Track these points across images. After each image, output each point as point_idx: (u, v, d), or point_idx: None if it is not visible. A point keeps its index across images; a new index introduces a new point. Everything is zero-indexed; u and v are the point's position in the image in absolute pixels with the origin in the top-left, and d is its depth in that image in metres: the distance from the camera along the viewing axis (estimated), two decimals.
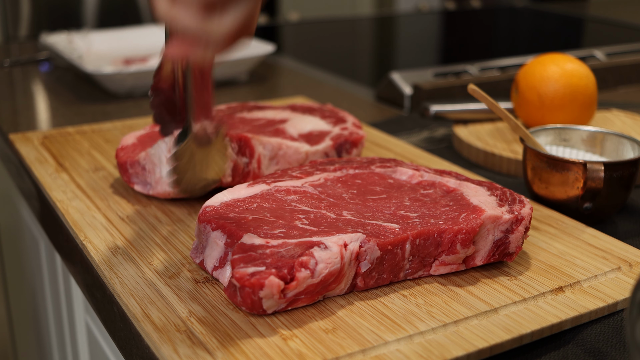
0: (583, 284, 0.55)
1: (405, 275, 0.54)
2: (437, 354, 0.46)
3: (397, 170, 0.64)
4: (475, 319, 0.50)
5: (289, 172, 0.63)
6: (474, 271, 0.56)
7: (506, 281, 0.55)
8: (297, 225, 0.53)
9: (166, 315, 0.49)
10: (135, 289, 0.52)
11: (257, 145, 0.68)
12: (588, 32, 1.82)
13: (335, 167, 0.64)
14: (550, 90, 0.83)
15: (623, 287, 0.54)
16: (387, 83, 1.12)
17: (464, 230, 0.53)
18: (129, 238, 0.61)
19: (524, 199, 0.58)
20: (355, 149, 0.75)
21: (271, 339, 0.47)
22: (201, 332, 0.47)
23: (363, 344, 0.46)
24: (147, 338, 0.48)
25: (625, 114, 0.97)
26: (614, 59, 1.27)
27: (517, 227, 0.55)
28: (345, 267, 0.50)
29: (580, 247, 0.60)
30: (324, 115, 0.80)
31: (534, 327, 0.49)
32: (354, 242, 0.51)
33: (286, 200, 0.58)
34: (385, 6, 2.93)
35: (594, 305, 0.52)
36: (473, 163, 0.85)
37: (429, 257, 0.54)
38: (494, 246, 0.55)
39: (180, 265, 0.56)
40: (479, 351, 0.47)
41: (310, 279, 0.49)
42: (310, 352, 0.45)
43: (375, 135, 0.89)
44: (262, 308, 0.48)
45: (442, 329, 0.48)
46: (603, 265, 0.57)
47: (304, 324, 0.49)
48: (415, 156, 0.81)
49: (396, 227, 0.54)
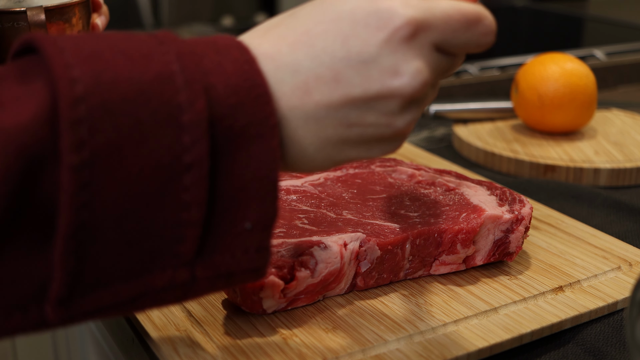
0: (583, 283, 0.55)
1: (405, 275, 0.54)
2: (437, 353, 0.46)
3: (397, 170, 0.64)
4: (475, 318, 0.50)
5: None
6: (474, 271, 0.56)
7: (506, 281, 0.55)
8: (297, 224, 0.53)
9: (166, 315, 0.49)
10: None
11: None
12: (588, 31, 1.82)
13: None
14: (550, 89, 0.83)
15: (623, 286, 0.54)
16: None
17: (464, 230, 0.53)
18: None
19: (524, 199, 0.58)
20: None
21: (271, 339, 0.47)
22: (201, 332, 0.47)
23: (363, 344, 0.46)
24: (147, 338, 0.48)
25: (625, 114, 0.97)
26: (613, 58, 1.27)
27: (518, 227, 0.55)
28: (345, 267, 0.50)
29: (580, 246, 0.60)
30: None
31: (534, 326, 0.49)
32: (354, 242, 0.51)
33: (286, 200, 0.58)
34: None
35: (594, 305, 0.52)
36: (473, 162, 0.85)
37: (429, 257, 0.54)
38: (494, 246, 0.55)
39: None
40: (479, 351, 0.47)
41: (310, 279, 0.49)
42: (310, 352, 0.45)
43: None
44: (262, 308, 0.48)
45: (442, 329, 0.48)
46: (603, 265, 0.57)
47: (304, 323, 0.48)
48: (415, 156, 0.81)
49: (396, 226, 0.54)
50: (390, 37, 0.36)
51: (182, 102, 0.33)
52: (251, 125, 0.34)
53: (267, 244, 0.36)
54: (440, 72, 0.39)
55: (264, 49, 0.36)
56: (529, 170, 0.80)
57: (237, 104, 0.34)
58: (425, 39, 0.37)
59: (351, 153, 0.38)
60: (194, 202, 0.33)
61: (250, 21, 1.89)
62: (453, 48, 0.38)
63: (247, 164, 0.34)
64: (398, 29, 0.36)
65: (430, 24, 0.37)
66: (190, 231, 0.33)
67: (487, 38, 0.39)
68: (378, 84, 0.36)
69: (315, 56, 0.36)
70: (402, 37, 0.36)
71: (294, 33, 0.37)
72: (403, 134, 0.39)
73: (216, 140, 0.33)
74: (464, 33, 0.38)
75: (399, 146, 0.39)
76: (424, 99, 0.39)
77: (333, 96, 0.36)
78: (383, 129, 0.37)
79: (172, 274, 0.34)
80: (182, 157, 0.32)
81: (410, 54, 0.36)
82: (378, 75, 0.36)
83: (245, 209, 0.34)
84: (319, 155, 0.37)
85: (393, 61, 0.36)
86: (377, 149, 0.39)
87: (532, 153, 0.82)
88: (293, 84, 0.36)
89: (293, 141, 0.37)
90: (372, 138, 0.38)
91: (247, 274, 0.35)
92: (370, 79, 0.36)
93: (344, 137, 0.37)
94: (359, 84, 0.36)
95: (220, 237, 0.34)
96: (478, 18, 0.38)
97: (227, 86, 0.34)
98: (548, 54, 0.87)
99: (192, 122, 0.32)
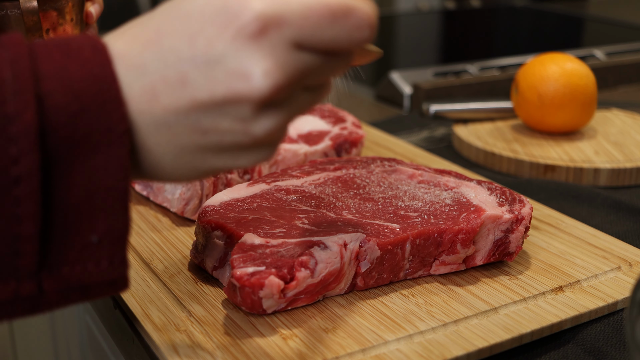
0: (583, 283, 0.55)
1: (405, 275, 0.54)
2: (437, 353, 0.46)
3: (397, 170, 0.64)
4: (475, 318, 0.50)
5: (288, 171, 0.63)
6: (474, 271, 0.56)
7: (506, 281, 0.55)
8: (297, 224, 0.53)
9: (166, 315, 0.49)
10: (135, 289, 0.52)
11: None
12: (588, 31, 1.82)
13: (335, 167, 0.64)
14: (550, 89, 0.83)
15: (623, 286, 0.54)
16: (387, 82, 1.12)
17: (464, 230, 0.53)
18: (129, 238, 0.60)
19: (524, 199, 0.58)
20: (354, 148, 0.75)
21: (271, 339, 0.47)
22: (201, 332, 0.47)
23: (363, 344, 0.46)
24: (147, 338, 0.48)
25: (625, 114, 0.97)
26: (613, 58, 1.27)
27: (517, 227, 0.55)
28: (345, 267, 0.50)
29: (580, 246, 0.60)
30: (323, 115, 0.80)
31: (534, 326, 0.49)
32: (354, 242, 0.51)
33: (286, 200, 0.58)
34: (384, 5, 2.93)
35: (593, 305, 0.52)
36: (473, 162, 0.85)
37: (429, 257, 0.54)
38: (494, 246, 0.55)
39: (180, 265, 0.56)
40: (478, 350, 0.47)
41: (310, 279, 0.49)
42: (310, 352, 0.45)
43: (375, 134, 0.89)
44: (262, 308, 0.48)
45: (442, 329, 0.48)
46: (603, 265, 0.57)
47: (304, 323, 0.48)
48: (415, 155, 0.81)
49: (396, 226, 0.54)
50: (237, 35, 0.32)
51: (9, 112, 0.30)
52: (96, 133, 0.32)
53: (121, 256, 0.34)
54: (307, 72, 0.34)
55: (117, 48, 0.33)
56: (529, 170, 0.80)
57: (79, 111, 0.32)
58: (279, 36, 0.33)
59: (216, 162, 0.35)
60: (26, 216, 0.31)
61: None
62: (319, 45, 0.34)
63: (91, 174, 0.32)
64: (245, 25, 0.32)
65: (285, 18, 0.33)
66: (26, 245, 0.31)
67: (360, 32, 0.34)
68: (224, 86, 0.33)
69: (162, 56, 0.33)
70: (249, 35, 0.32)
71: (147, 31, 0.34)
72: (268, 142, 0.35)
73: (52, 151, 0.31)
74: (330, 28, 0.33)
75: (270, 155, 0.36)
76: (288, 103, 0.35)
77: (180, 100, 0.33)
78: (240, 137, 0.34)
79: (15, 286, 0.32)
80: (9, 170, 0.30)
81: (259, 54, 0.32)
82: (224, 77, 0.33)
83: (92, 221, 0.33)
84: (178, 165, 0.35)
85: (240, 61, 0.32)
86: (244, 158, 0.35)
87: (532, 153, 0.82)
88: (140, 87, 0.33)
89: (146, 149, 0.34)
90: (232, 146, 0.34)
91: (104, 286, 0.34)
92: (216, 81, 0.33)
93: (201, 145, 0.34)
94: (204, 87, 0.33)
95: (65, 250, 0.33)
96: (347, 10, 0.33)
97: (69, 92, 0.31)
98: (548, 54, 0.87)
99: (20, 133, 0.30)
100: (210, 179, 0.62)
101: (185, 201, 0.63)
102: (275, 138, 0.36)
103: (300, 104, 0.36)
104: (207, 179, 0.62)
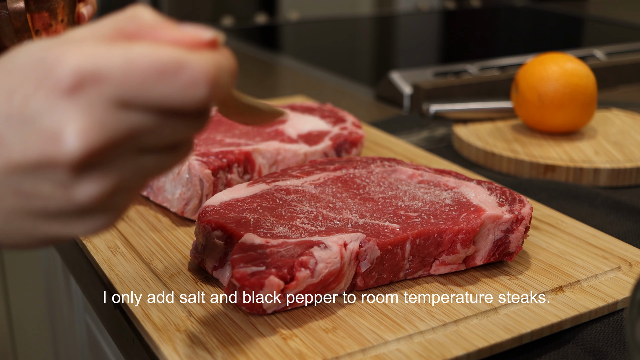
0: (583, 283, 0.55)
1: (405, 275, 0.54)
2: (437, 353, 0.46)
3: (397, 170, 0.64)
4: (475, 318, 0.50)
5: (288, 171, 0.63)
6: (474, 271, 0.56)
7: (506, 281, 0.55)
8: (297, 224, 0.53)
9: (166, 315, 0.49)
10: (135, 289, 0.52)
11: (258, 157, 0.68)
12: (588, 31, 1.82)
13: (335, 167, 0.64)
14: (550, 89, 0.83)
15: (623, 286, 0.54)
16: (387, 82, 1.12)
17: (464, 230, 0.53)
18: (129, 238, 0.61)
19: (524, 199, 0.58)
20: (354, 148, 0.75)
21: (271, 339, 0.47)
22: (201, 331, 0.47)
23: (363, 344, 0.46)
24: (147, 338, 0.48)
25: (625, 114, 0.97)
26: (613, 58, 1.27)
27: (517, 227, 0.55)
28: (345, 267, 0.50)
29: (580, 246, 0.60)
30: (323, 115, 0.80)
31: (534, 326, 0.49)
32: (354, 242, 0.51)
33: (286, 200, 0.58)
34: (385, 5, 2.93)
35: (593, 305, 0.52)
36: (473, 162, 0.85)
37: (429, 257, 0.54)
38: (494, 246, 0.55)
39: (180, 265, 0.56)
40: (478, 351, 0.47)
41: (310, 279, 0.49)
42: (310, 352, 0.45)
43: (375, 134, 0.89)
44: (262, 308, 0.48)
45: (442, 329, 0.48)
46: (603, 265, 0.57)
47: (304, 323, 0.49)
48: (415, 155, 0.81)
49: (396, 226, 0.54)
50: (51, 91, 0.29)
51: None
52: None
53: None
54: (137, 133, 0.31)
55: None
56: (529, 170, 0.80)
57: None
58: (97, 93, 0.30)
59: (48, 229, 0.32)
60: None
61: (250, 21, 1.89)
62: (147, 104, 0.30)
63: None
64: (59, 80, 0.29)
65: (103, 74, 0.29)
66: None
67: (195, 90, 0.30)
68: (36, 148, 0.30)
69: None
70: (63, 90, 0.29)
71: None
72: (101, 209, 0.32)
73: None
74: (157, 86, 0.30)
75: (109, 222, 0.33)
76: (117, 167, 0.32)
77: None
78: (63, 203, 0.31)
79: None
80: None
81: (73, 112, 0.29)
82: (36, 138, 0.30)
83: None
84: (10, 230, 0.32)
85: (53, 120, 0.29)
86: (78, 226, 0.32)
87: (532, 153, 0.82)
88: None
89: None
90: (59, 213, 0.32)
91: None
92: (30, 142, 0.30)
93: (28, 210, 0.31)
94: (18, 147, 0.30)
95: None
96: (177, 66, 0.30)
97: None
98: (548, 54, 0.87)
99: None
100: (210, 179, 0.62)
101: (185, 201, 0.63)
102: (110, 204, 0.32)
103: (141, 167, 0.33)
104: (207, 180, 0.62)
